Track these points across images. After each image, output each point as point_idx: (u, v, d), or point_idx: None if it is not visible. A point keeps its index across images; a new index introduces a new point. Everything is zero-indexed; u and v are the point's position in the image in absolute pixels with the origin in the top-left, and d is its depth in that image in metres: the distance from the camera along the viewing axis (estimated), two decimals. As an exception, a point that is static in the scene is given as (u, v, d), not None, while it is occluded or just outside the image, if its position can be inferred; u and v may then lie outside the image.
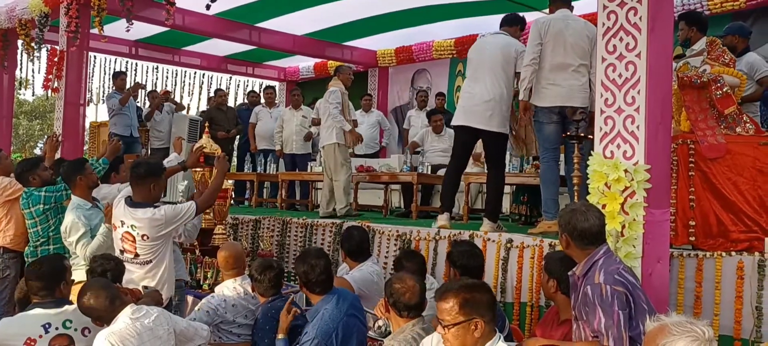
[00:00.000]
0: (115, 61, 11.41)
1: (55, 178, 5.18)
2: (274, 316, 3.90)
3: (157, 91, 10.39)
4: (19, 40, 8.67)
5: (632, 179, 3.42)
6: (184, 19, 8.35)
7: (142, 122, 9.57)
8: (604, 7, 3.58)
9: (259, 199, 9.19)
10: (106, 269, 3.75)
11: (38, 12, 7.77)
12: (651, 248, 3.44)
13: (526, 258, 4.60)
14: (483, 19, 8.11)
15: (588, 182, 3.63)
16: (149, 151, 9.48)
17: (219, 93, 10.08)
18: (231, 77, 12.67)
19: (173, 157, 6.28)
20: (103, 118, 11.49)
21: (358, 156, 8.57)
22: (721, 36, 5.33)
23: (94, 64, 11.31)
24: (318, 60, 11.49)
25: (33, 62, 8.82)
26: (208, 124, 6.26)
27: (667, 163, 3.61)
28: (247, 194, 9.63)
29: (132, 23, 6.83)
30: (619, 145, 3.51)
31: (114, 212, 4.11)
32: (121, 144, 5.84)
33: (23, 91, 9.82)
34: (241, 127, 9.72)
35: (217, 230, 5.76)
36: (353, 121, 7.13)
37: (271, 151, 9.27)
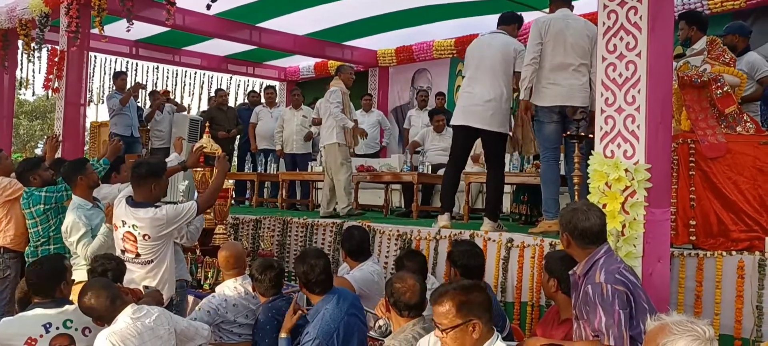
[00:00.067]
0: (116, 61, 11.41)
1: (56, 178, 5.18)
2: (275, 316, 3.91)
3: (158, 91, 10.39)
4: (20, 41, 8.67)
5: (633, 179, 3.42)
6: (185, 19, 8.35)
7: (143, 122, 9.57)
8: (605, 6, 3.58)
9: (259, 199, 9.19)
10: (107, 268, 3.75)
11: (39, 12, 7.77)
12: (651, 248, 3.44)
13: (526, 258, 4.60)
14: (483, 19, 8.11)
15: (588, 182, 3.63)
16: (150, 151, 9.48)
17: (219, 93, 10.08)
18: (231, 77, 12.68)
19: (173, 157, 6.28)
20: (103, 118, 11.52)
21: (359, 156, 8.57)
22: (722, 35, 5.33)
23: (95, 64, 11.32)
24: (318, 60, 11.49)
25: (31, 62, 8.84)
26: (209, 124, 6.26)
27: (667, 163, 3.61)
28: (247, 193, 9.63)
29: (132, 23, 6.83)
30: (619, 145, 3.51)
31: (115, 212, 4.12)
32: (121, 144, 5.85)
33: (24, 91, 9.82)
34: (241, 127, 9.72)
35: (218, 229, 5.76)
36: (353, 121, 7.13)
37: (271, 151, 9.27)
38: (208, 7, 6.01)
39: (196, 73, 12.22)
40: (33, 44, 8.41)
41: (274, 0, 8.20)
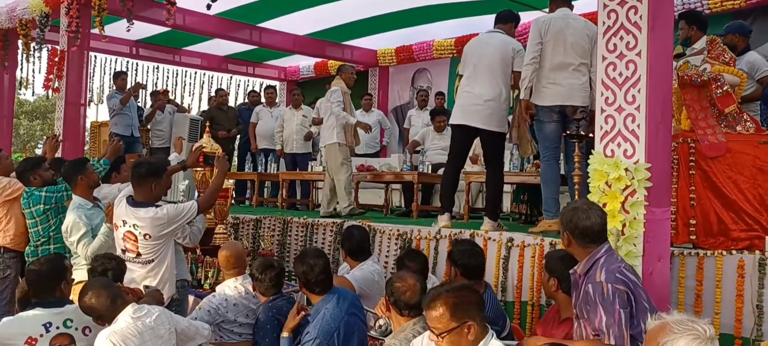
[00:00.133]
0: (116, 61, 11.40)
1: (56, 178, 5.18)
2: (276, 315, 3.91)
3: (160, 91, 10.39)
4: (20, 40, 8.67)
5: (633, 178, 3.42)
6: (185, 19, 8.35)
7: (143, 122, 9.57)
8: (605, 5, 3.58)
9: (259, 198, 9.20)
10: (107, 268, 3.75)
11: (39, 12, 7.77)
12: (652, 247, 3.44)
13: (526, 257, 4.60)
14: (483, 19, 8.09)
15: (588, 181, 3.63)
16: (150, 151, 9.48)
17: (220, 93, 10.08)
18: (231, 77, 12.67)
19: (174, 156, 6.29)
20: (103, 118, 11.51)
21: (359, 156, 8.57)
22: (722, 35, 5.33)
23: (95, 64, 11.31)
24: (318, 60, 11.48)
25: (29, 62, 8.83)
26: (209, 124, 6.27)
27: (667, 162, 3.61)
28: (247, 193, 9.63)
29: (132, 23, 6.82)
30: (619, 144, 3.51)
31: (115, 212, 4.12)
32: (121, 144, 5.85)
33: (24, 91, 9.81)
34: (241, 127, 9.72)
35: (218, 229, 5.76)
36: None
37: (271, 150, 9.27)
38: (209, 7, 6.01)
39: (196, 73, 12.21)
40: (33, 44, 8.41)
41: (274, 0, 8.20)
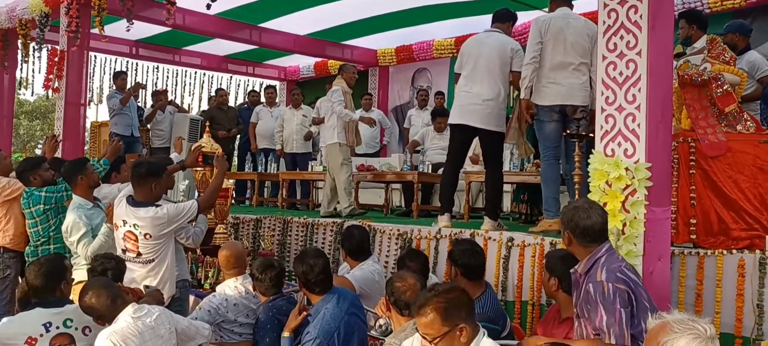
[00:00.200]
0: (116, 61, 11.39)
1: (56, 178, 5.18)
2: (276, 315, 3.91)
3: (161, 91, 10.39)
4: (19, 41, 8.67)
5: (633, 177, 3.42)
6: (185, 18, 8.34)
7: (143, 122, 9.57)
8: (605, 5, 3.58)
9: (259, 198, 9.19)
10: (107, 268, 3.75)
11: (39, 12, 7.77)
12: (652, 246, 3.44)
13: (527, 257, 4.60)
14: (483, 19, 8.05)
15: (589, 181, 3.63)
16: (150, 151, 9.48)
17: (220, 92, 10.08)
18: (231, 77, 12.67)
19: (174, 156, 6.28)
20: (103, 117, 11.51)
21: (359, 155, 8.57)
22: (722, 34, 5.33)
23: (95, 64, 11.31)
24: (318, 59, 11.48)
25: (27, 63, 8.83)
26: (209, 124, 6.27)
27: (667, 162, 3.61)
28: (248, 193, 9.63)
29: (132, 23, 6.82)
30: (619, 144, 3.51)
31: (115, 212, 4.12)
32: (121, 144, 5.84)
33: (24, 91, 9.81)
34: (241, 127, 9.72)
35: (218, 229, 5.76)
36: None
37: (271, 150, 9.27)
38: (208, 6, 6.01)
39: (196, 72, 12.21)
40: (33, 44, 8.41)
41: (274, 0, 8.19)
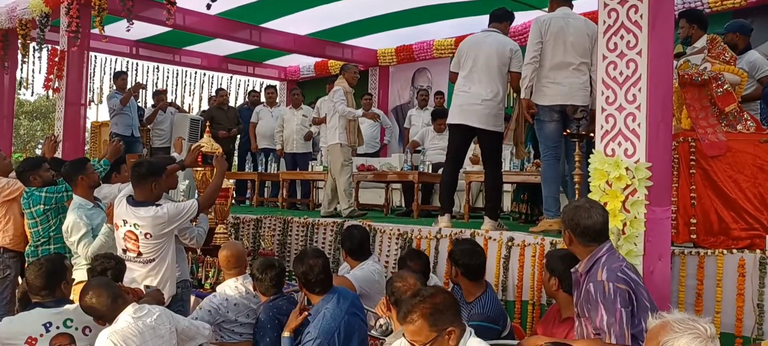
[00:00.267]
0: (116, 61, 11.40)
1: (56, 178, 5.17)
2: (276, 315, 3.91)
3: (162, 90, 10.39)
4: (19, 41, 8.67)
5: (633, 177, 3.42)
6: (185, 18, 8.35)
7: (143, 122, 9.57)
8: (605, 4, 3.58)
9: (260, 198, 9.19)
10: (107, 267, 3.75)
11: (39, 12, 7.77)
12: (652, 246, 3.44)
13: (527, 256, 4.60)
14: (483, 19, 8.04)
15: (589, 180, 3.63)
16: (150, 151, 9.48)
17: (220, 92, 10.08)
18: (231, 77, 12.67)
19: (176, 156, 6.29)
20: (104, 117, 11.51)
21: (359, 155, 8.57)
22: (722, 33, 5.33)
23: (95, 64, 11.31)
24: (318, 59, 11.48)
25: (26, 63, 8.83)
26: (209, 124, 6.27)
27: (668, 161, 3.61)
28: (248, 193, 9.63)
29: (132, 23, 6.82)
30: (620, 143, 3.51)
31: (115, 212, 4.12)
32: (122, 145, 5.84)
33: (24, 91, 9.81)
34: (241, 127, 9.72)
35: (219, 229, 5.76)
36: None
37: (271, 150, 9.27)
38: (208, 6, 6.01)
39: (196, 72, 12.22)
40: (33, 44, 8.41)
41: (274, 0, 8.19)
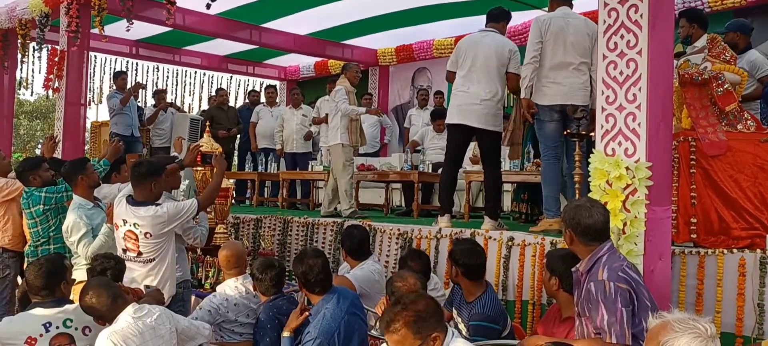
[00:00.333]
0: (116, 61, 11.40)
1: (56, 178, 5.17)
2: (276, 315, 3.90)
3: (163, 90, 10.39)
4: (19, 40, 8.67)
5: (634, 177, 3.42)
6: (185, 18, 8.35)
7: (143, 122, 9.56)
8: (605, 4, 3.58)
9: (260, 198, 9.19)
10: (107, 267, 3.74)
11: (39, 12, 7.77)
12: (653, 246, 3.44)
13: (527, 256, 4.60)
14: (483, 19, 8.08)
15: (589, 180, 3.62)
16: (150, 151, 9.48)
17: (220, 92, 10.08)
18: (231, 77, 12.67)
19: (175, 156, 6.28)
20: (104, 117, 11.50)
21: (359, 155, 8.56)
22: (723, 33, 5.32)
23: (95, 64, 11.31)
24: (318, 59, 11.48)
25: (25, 63, 8.83)
26: (209, 124, 6.27)
27: (668, 161, 3.61)
28: (248, 193, 9.63)
29: (132, 23, 6.82)
30: (620, 143, 3.50)
31: (115, 212, 4.12)
32: (122, 145, 5.83)
33: (24, 91, 9.81)
34: (242, 127, 9.72)
35: (219, 229, 5.76)
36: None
37: (271, 150, 9.27)
38: (208, 6, 6.01)
39: (196, 72, 12.22)
40: (33, 44, 8.41)
41: (274, 1, 8.19)
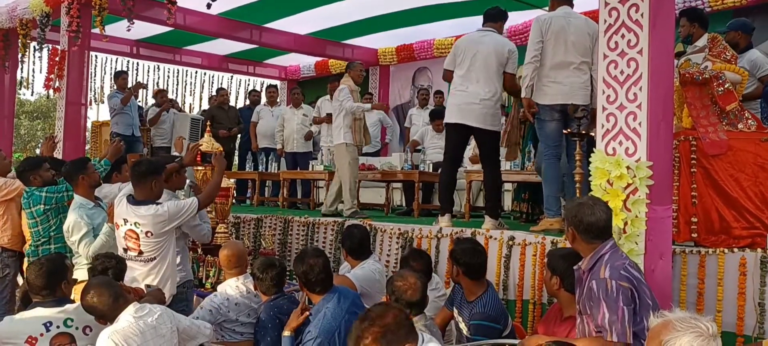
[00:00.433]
0: (117, 61, 11.42)
1: (56, 178, 5.17)
2: (277, 314, 3.91)
3: (164, 90, 10.39)
4: (19, 40, 8.68)
5: (634, 176, 3.42)
6: (185, 18, 8.36)
7: (143, 122, 9.57)
8: (606, 3, 3.58)
9: (260, 198, 9.20)
10: (108, 267, 3.75)
11: (39, 12, 7.77)
12: (653, 245, 3.44)
13: (528, 255, 4.60)
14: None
15: (590, 179, 3.62)
16: (151, 150, 9.48)
17: (220, 92, 10.09)
18: (232, 76, 12.69)
19: (175, 156, 6.29)
20: (104, 117, 11.51)
21: (360, 155, 8.55)
22: (724, 32, 5.32)
23: (96, 64, 11.32)
24: (319, 59, 11.48)
25: (25, 62, 8.83)
26: (210, 123, 6.27)
27: (669, 160, 3.61)
28: (248, 192, 9.64)
29: (133, 23, 6.83)
30: (621, 142, 3.50)
31: (116, 211, 4.12)
32: (122, 145, 5.83)
33: (24, 91, 9.83)
34: (242, 126, 9.72)
35: (219, 228, 5.75)
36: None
37: (272, 149, 9.27)
38: (209, 6, 6.01)
39: (196, 72, 12.24)
40: (33, 44, 8.41)
41: (274, 0, 8.19)
